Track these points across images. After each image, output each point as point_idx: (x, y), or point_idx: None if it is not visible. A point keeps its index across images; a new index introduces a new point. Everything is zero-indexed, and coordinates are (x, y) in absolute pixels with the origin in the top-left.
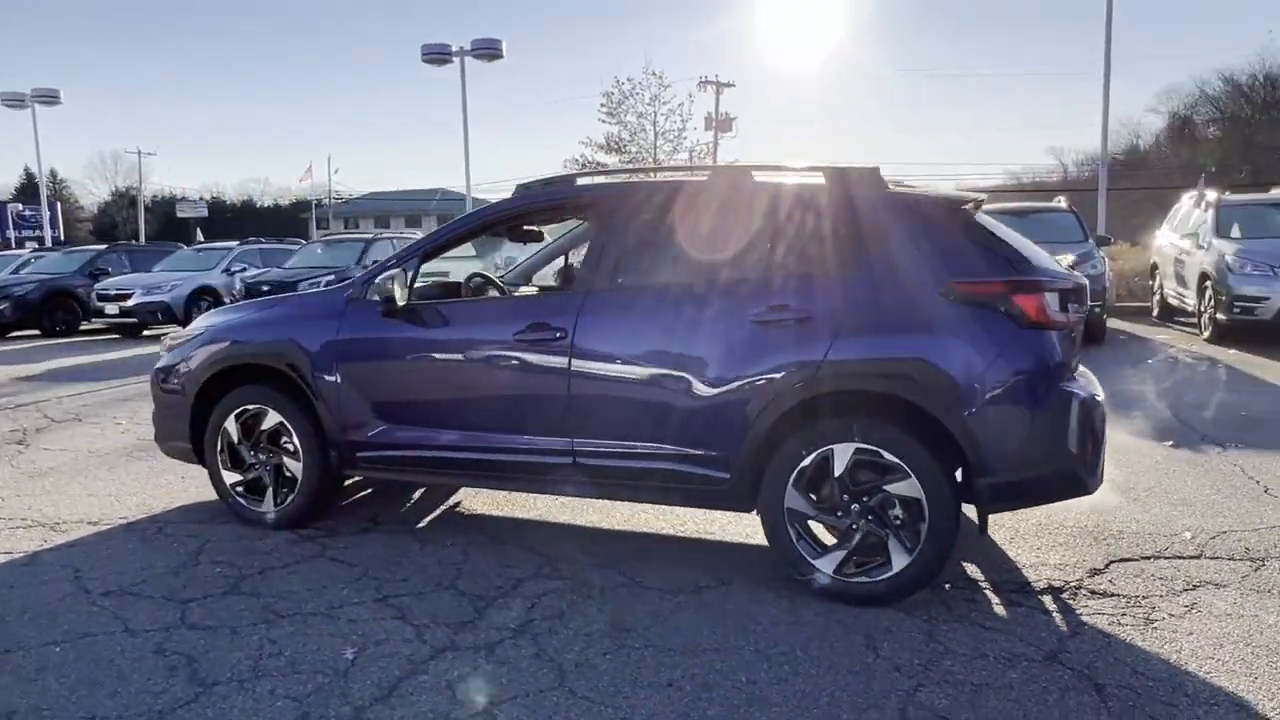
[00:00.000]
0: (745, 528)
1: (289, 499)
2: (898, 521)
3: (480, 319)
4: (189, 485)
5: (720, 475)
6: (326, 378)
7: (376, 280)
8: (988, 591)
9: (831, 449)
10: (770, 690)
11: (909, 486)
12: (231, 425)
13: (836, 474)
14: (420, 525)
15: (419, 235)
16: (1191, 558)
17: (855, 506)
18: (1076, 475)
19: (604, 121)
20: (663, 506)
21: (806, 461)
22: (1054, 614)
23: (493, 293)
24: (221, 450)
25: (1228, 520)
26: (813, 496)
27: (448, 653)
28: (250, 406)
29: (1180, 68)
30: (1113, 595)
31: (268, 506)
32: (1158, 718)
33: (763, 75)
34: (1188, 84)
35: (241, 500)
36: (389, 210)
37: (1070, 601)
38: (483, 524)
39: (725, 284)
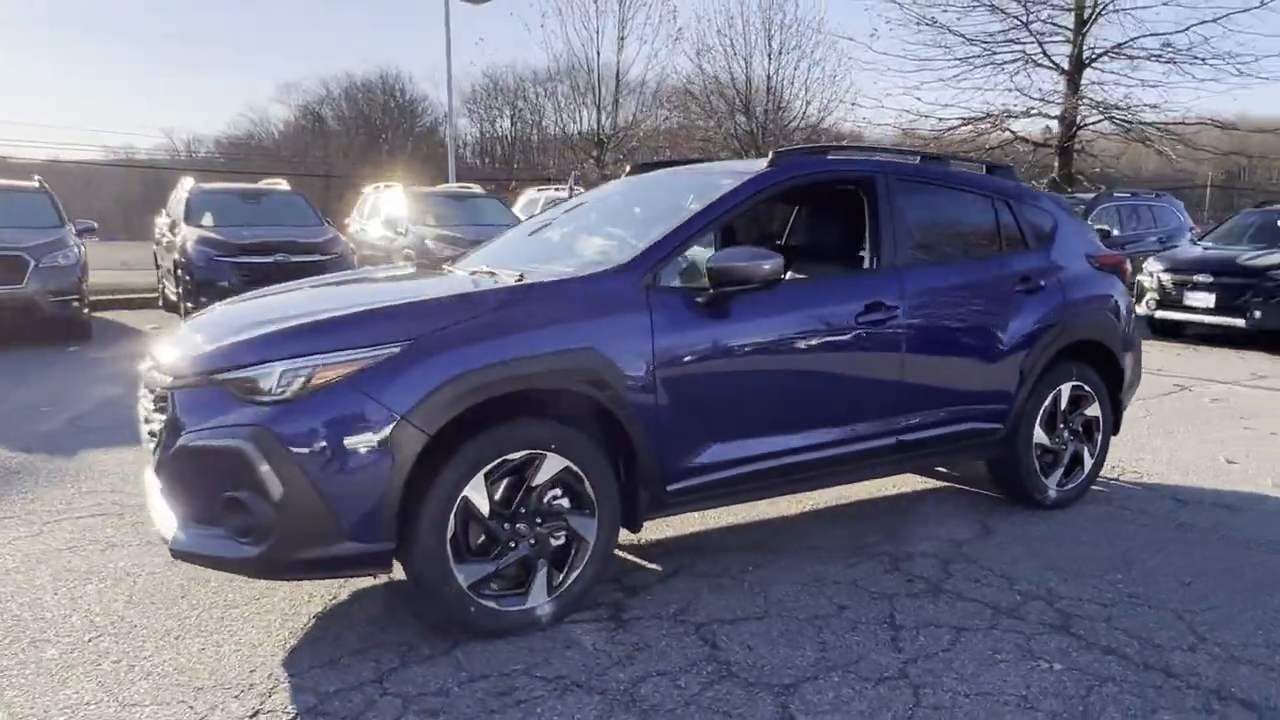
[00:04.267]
0: (869, 487)
1: (571, 575)
2: (1085, 437)
3: (817, 301)
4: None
5: (997, 426)
6: (644, 395)
7: (733, 262)
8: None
9: (1060, 389)
10: (1250, 568)
11: (1094, 408)
12: (478, 490)
13: (1061, 408)
14: (663, 571)
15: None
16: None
17: (1067, 432)
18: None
19: None
20: None
21: (1047, 402)
22: (1155, 489)
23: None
24: (454, 535)
25: None
26: (1047, 429)
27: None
28: (513, 455)
29: (301, 66)
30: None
31: (537, 597)
32: None
33: None
34: (310, 81)
35: (492, 603)
36: None
37: (1135, 478)
38: (693, 544)
39: (989, 259)
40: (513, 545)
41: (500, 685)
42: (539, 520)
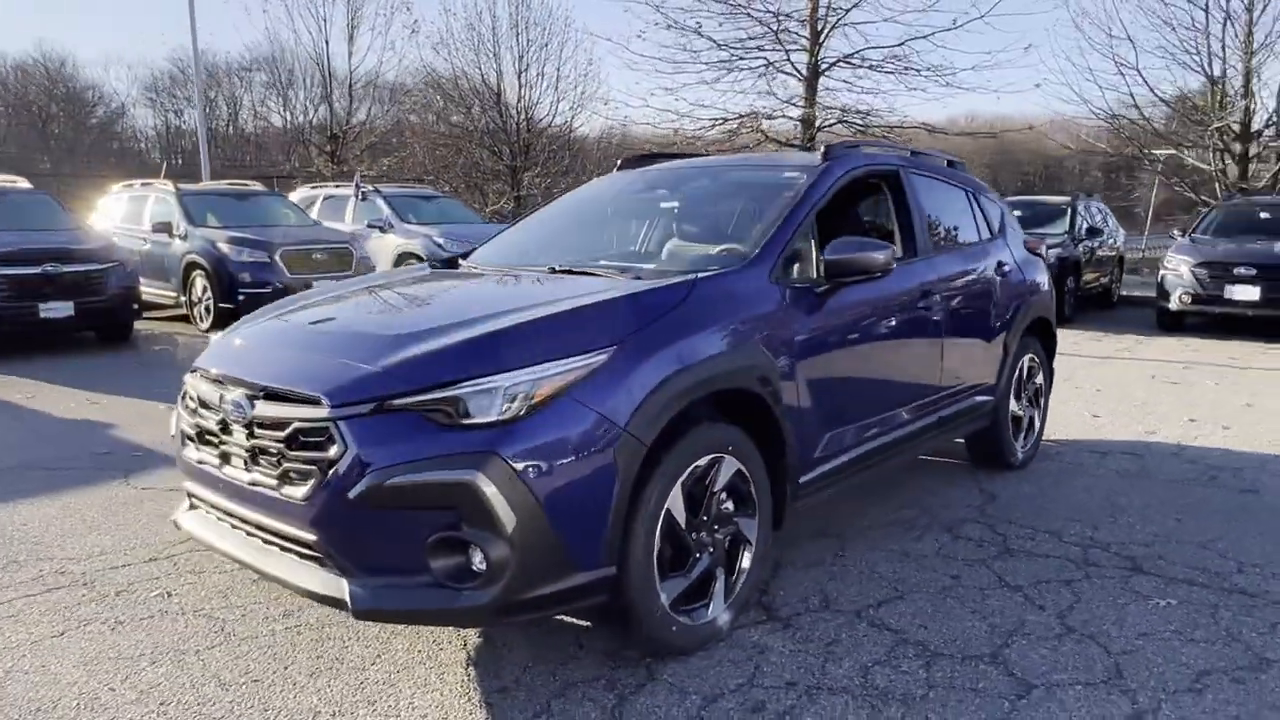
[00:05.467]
0: None
1: (740, 579)
2: (1034, 402)
3: (896, 289)
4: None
5: (990, 399)
6: (789, 388)
7: (851, 254)
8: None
9: (1023, 360)
10: (1202, 502)
11: (1040, 376)
12: (676, 499)
13: (1024, 379)
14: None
15: None
16: None
17: (1025, 400)
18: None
19: None
20: None
21: (1017, 374)
22: (1069, 445)
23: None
24: (659, 551)
25: None
26: (1016, 398)
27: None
28: (701, 461)
29: None
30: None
31: (717, 607)
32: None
33: None
34: None
35: (686, 619)
36: None
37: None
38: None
39: (978, 246)
40: (697, 556)
41: (746, 701)
42: (715, 527)
